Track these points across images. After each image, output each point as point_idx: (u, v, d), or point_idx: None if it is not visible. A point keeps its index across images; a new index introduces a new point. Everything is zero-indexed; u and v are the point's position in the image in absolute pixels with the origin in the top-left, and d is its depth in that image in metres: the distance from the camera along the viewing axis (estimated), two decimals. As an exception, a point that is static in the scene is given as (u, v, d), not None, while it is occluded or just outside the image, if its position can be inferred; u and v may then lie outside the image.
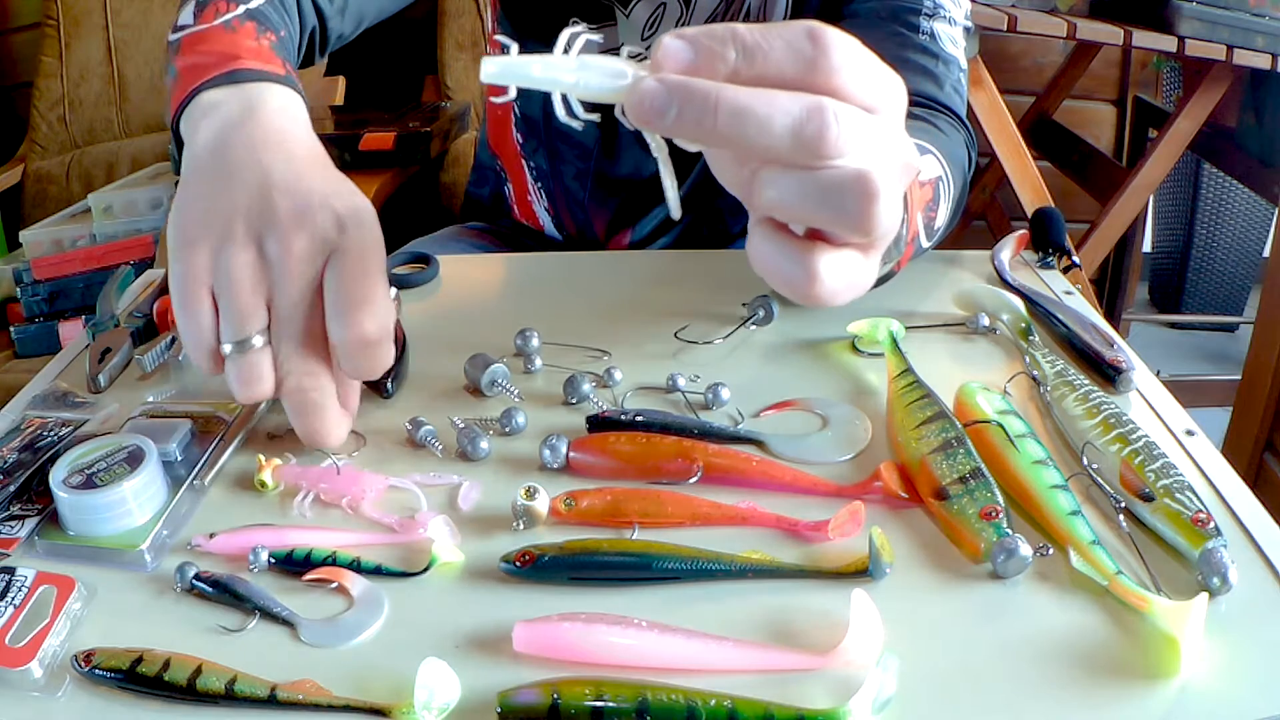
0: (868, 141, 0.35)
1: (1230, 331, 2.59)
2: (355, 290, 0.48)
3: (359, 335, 0.48)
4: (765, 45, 0.34)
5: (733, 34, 0.34)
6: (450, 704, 0.39)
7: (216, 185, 0.50)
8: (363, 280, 0.48)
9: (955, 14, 0.77)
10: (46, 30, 1.97)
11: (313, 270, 0.48)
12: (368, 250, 0.49)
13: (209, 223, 0.48)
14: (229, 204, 0.49)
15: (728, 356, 0.65)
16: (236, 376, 0.49)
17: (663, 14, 0.83)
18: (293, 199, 0.49)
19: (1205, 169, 2.42)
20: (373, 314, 0.48)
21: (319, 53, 0.77)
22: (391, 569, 0.46)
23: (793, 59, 0.34)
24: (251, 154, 0.51)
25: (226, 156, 0.51)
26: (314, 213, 0.48)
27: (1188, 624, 0.39)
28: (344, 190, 0.51)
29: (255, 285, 0.48)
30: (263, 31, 0.62)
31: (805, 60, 0.34)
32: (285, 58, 0.61)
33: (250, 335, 0.48)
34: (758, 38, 0.34)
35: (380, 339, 0.49)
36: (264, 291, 0.48)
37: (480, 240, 1.03)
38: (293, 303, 0.48)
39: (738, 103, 0.33)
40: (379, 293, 0.48)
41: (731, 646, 0.41)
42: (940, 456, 0.50)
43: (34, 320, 1.50)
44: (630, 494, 0.50)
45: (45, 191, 1.97)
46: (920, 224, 0.59)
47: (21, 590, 0.44)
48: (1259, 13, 1.70)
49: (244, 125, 0.53)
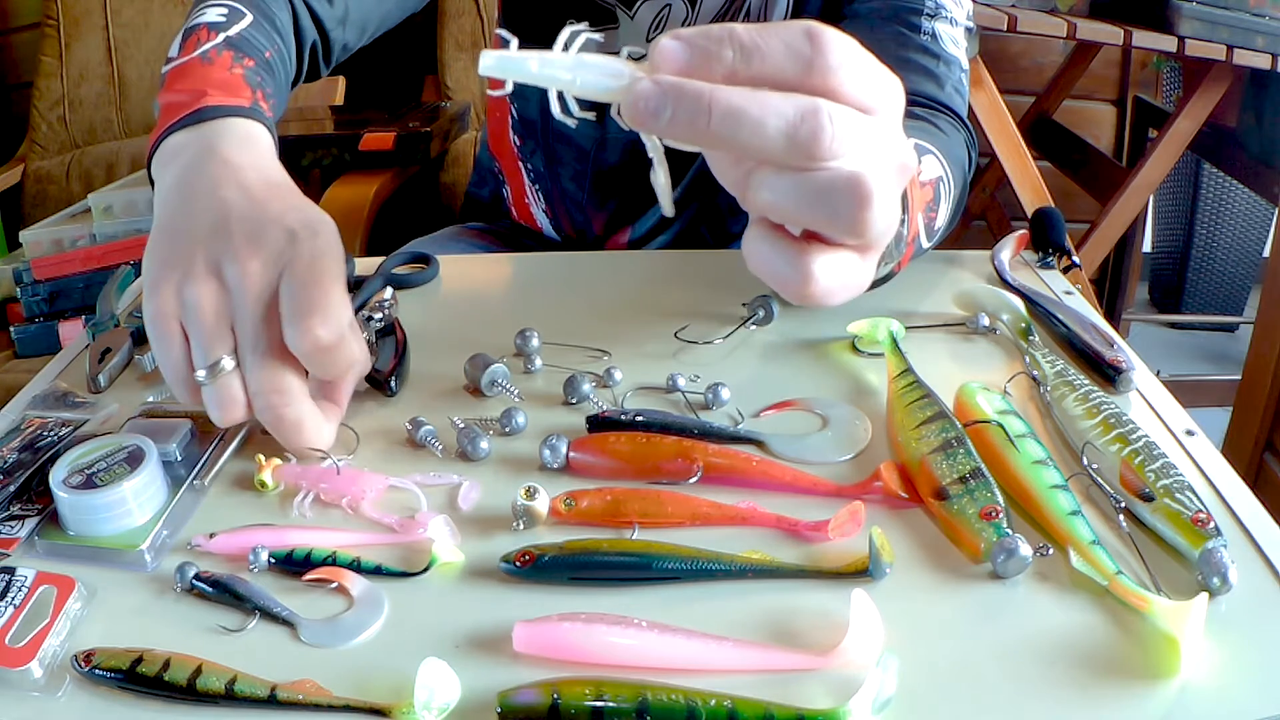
0: (863, 143, 0.35)
1: (1230, 331, 2.59)
2: (305, 298, 0.49)
3: (313, 341, 0.49)
4: (763, 45, 0.34)
5: (730, 34, 0.34)
6: (450, 704, 0.39)
7: (179, 225, 0.52)
8: (313, 287, 0.49)
9: (957, 14, 0.77)
10: (46, 30, 1.97)
11: (269, 287, 0.50)
12: (319, 258, 0.50)
13: (173, 262, 0.51)
14: (190, 241, 0.51)
15: (728, 356, 0.65)
16: (212, 402, 0.51)
17: (668, 15, 0.83)
18: (246, 224, 0.51)
19: (1205, 169, 2.42)
20: (324, 320, 0.49)
21: (324, 64, 0.78)
22: (391, 569, 0.46)
23: (791, 59, 0.34)
24: (210, 192, 0.53)
25: (187, 198, 0.54)
26: (267, 232, 0.50)
27: (1188, 624, 0.39)
28: (300, 206, 0.53)
29: (218, 312, 0.50)
30: (239, 59, 0.63)
31: (803, 60, 0.34)
32: (259, 84, 0.62)
33: (219, 359, 0.50)
34: (755, 38, 0.34)
35: (334, 343, 0.50)
36: (228, 317, 0.50)
37: (480, 240, 1.03)
38: (253, 323, 0.50)
39: (731, 105, 0.33)
40: (331, 298, 0.50)
41: (731, 646, 0.41)
42: (940, 456, 0.50)
43: (34, 320, 1.50)
44: (630, 494, 0.50)
45: (45, 191, 1.97)
46: (921, 224, 0.59)
47: (21, 590, 0.44)
48: (1259, 13, 1.70)
49: (202, 165, 0.55)
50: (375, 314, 0.67)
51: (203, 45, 0.63)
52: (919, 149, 0.61)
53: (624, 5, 0.84)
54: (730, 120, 0.33)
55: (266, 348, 0.50)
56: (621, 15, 0.84)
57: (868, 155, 0.35)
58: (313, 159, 1.58)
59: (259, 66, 0.64)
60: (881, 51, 0.37)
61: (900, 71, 0.38)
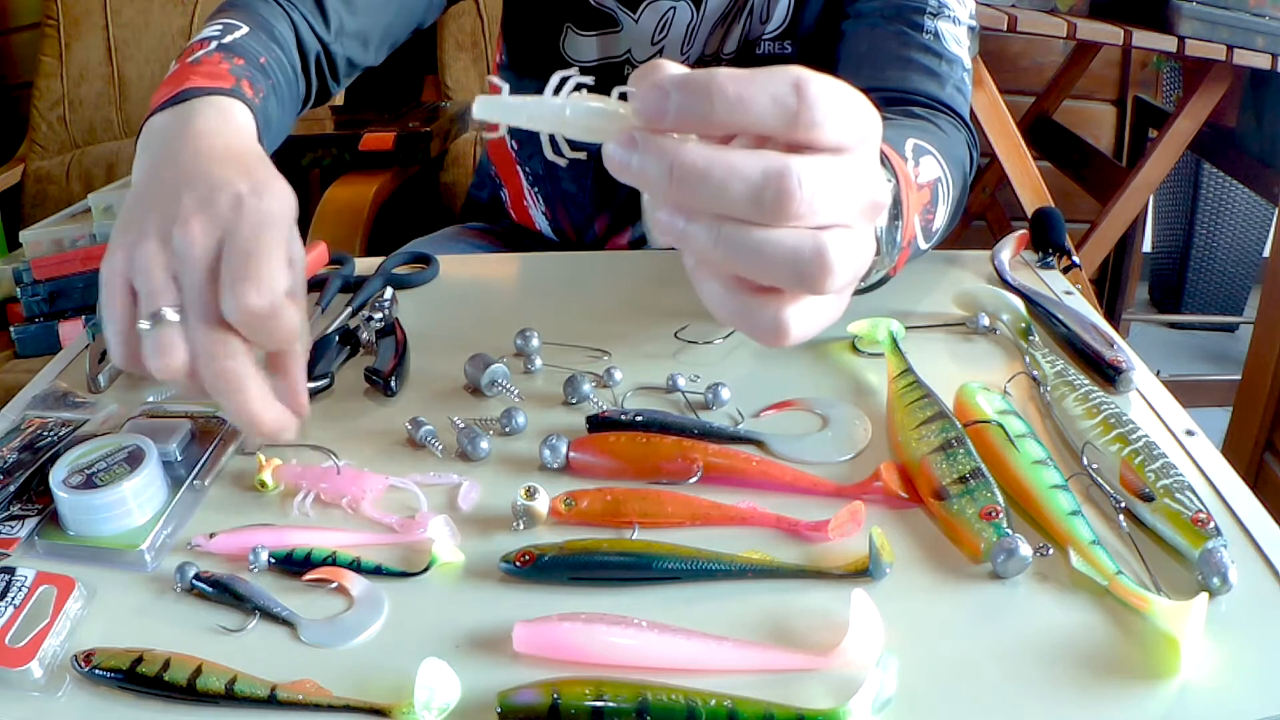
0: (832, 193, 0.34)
1: (1230, 331, 2.59)
2: (240, 264, 0.48)
3: (245, 308, 0.47)
4: (747, 98, 0.33)
5: (714, 85, 0.33)
6: (450, 704, 0.39)
7: (141, 194, 0.52)
8: (249, 255, 0.48)
9: (960, 13, 0.77)
10: (46, 30, 1.97)
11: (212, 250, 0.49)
12: (263, 223, 0.49)
13: (129, 226, 0.50)
14: (147, 206, 0.51)
15: (728, 356, 0.65)
16: (152, 349, 0.49)
17: (673, 17, 0.83)
18: (198, 190, 0.50)
19: (1205, 169, 2.42)
20: (258, 287, 0.48)
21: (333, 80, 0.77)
22: (391, 569, 0.46)
23: (775, 113, 0.33)
24: (173, 161, 0.53)
25: (155, 168, 0.54)
26: (215, 196, 0.49)
27: (1188, 624, 0.39)
28: (257, 171, 0.52)
29: (164, 270, 0.49)
30: (228, 58, 0.63)
31: (788, 115, 0.33)
32: (247, 76, 0.62)
33: (160, 308, 0.48)
34: (740, 90, 0.33)
35: (267, 310, 0.48)
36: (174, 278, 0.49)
37: (480, 240, 1.03)
38: (196, 285, 0.48)
39: (695, 166, 0.33)
40: (268, 265, 0.48)
41: (731, 646, 0.41)
42: (940, 456, 0.50)
43: (34, 320, 1.49)
44: (630, 494, 0.50)
45: (45, 191, 1.97)
46: (917, 226, 0.59)
47: (21, 590, 0.44)
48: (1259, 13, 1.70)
49: (174, 140, 0.55)
50: (375, 314, 0.67)
51: (195, 54, 0.63)
52: (918, 149, 0.61)
53: (627, 8, 0.84)
54: (690, 182, 0.33)
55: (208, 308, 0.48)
56: (624, 18, 0.84)
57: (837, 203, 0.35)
58: (313, 159, 1.58)
59: (249, 65, 0.64)
60: (883, 50, 0.37)
61: (902, 71, 0.38)
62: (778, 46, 0.85)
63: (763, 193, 0.33)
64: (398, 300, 0.70)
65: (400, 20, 0.83)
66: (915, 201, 0.58)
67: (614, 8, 0.84)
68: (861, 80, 0.77)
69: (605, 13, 0.84)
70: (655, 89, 0.34)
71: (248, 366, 0.50)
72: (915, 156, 0.60)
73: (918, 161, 0.60)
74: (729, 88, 0.33)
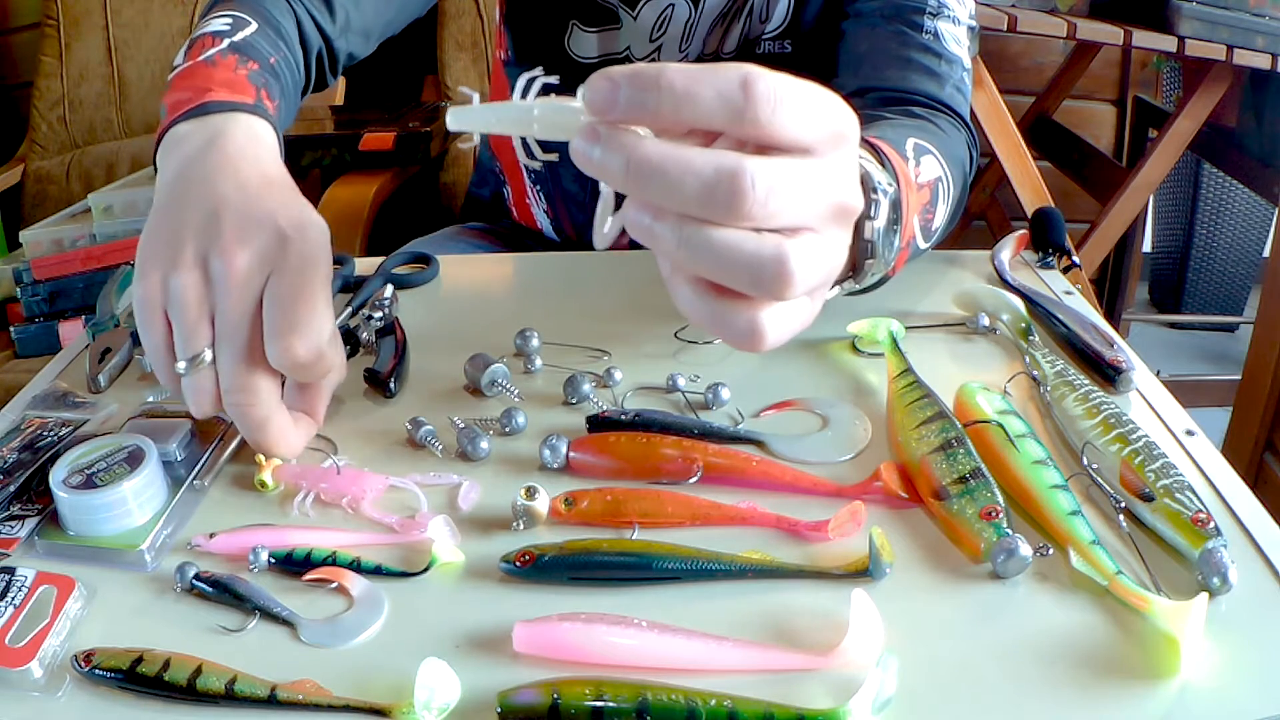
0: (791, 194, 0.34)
1: (1230, 331, 2.59)
2: (288, 313, 0.49)
3: (290, 358, 0.49)
4: (694, 92, 0.33)
5: (661, 78, 0.33)
6: (450, 704, 0.39)
7: (173, 213, 0.52)
8: (296, 302, 0.49)
9: (959, 13, 0.77)
10: (46, 30, 1.97)
11: (254, 288, 0.50)
12: (307, 267, 0.50)
13: (163, 250, 0.51)
14: (181, 229, 0.51)
15: (728, 356, 0.65)
16: (188, 391, 0.51)
17: (671, 14, 0.83)
18: (238, 218, 0.51)
19: (1205, 169, 2.42)
20: (303, 337, 0.49)
21: (330, 73, 0.78)
22: (391, 569, 0.46)
23: (722, 108, 0.33)
24: (206, 181, 0.53)
25: (185, 186, 0.54)
26: (257, 228, 0.50)
27: (1188, 624, 0.39)
28: (294, 205, 0.53)
29: (200, 304, 0.50)
30: (244, 63, 0.63)
31: (734, 110, 0.33)
32: (264, 85, 0.63)
33: (200, 352, 0.50)
34: (688, 84, 0.33)
35: (312, 360, 0.50)
36: (210, 309, 0.50)
37: (480, 240, 1.03)
38: (233, 321, 0.50)
39: (650, 160, 0.34)
40: (315, 314, 0.50)
41: (731, 646, 0.41)
42: (940, 456, 0.50)
43: (34, 320, 1.49)
44: (630, 494, 0.50)
45: (45, 191, 1.96)
46: (916, 227, 0.59)
47: (21, 590, 0.44)
48: (1259, 13, 1.70)
49: (204, 156, 0.55)
50: (375, 313, 0.67)
51: (207, 51, 0.63)
52: (918, 148, 0.61)
53: (626, 5, 0.84)
54: (645, 174, 0.34)
55: (241, 346, 0.50)
56: (624, 15, 0.84)
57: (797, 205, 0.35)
58: (313, 159, 1.58)
59: (263, 70, 0.64)
60: (883, 50, 0.37)
61: (901, 70, 0.38)
62: (778, 46, 0.85)
63: (715, 189, 0.33)
64: (398, 299, 0.70)
65: (402, 15, 0.83)
66: (915, 202, 0.58)
67: (615, 4, 0.84)
68: (861, 80, 0.77)
69: (607, 9, 0.84)
70: (606, 81, 0.34)
71: (273, 409, 0.52)
72: (916, 156, 0.60)
73: (918, 161, 0.60)
74: (676, 81, 0.33)
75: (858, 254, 0.49)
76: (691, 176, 0.33)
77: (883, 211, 0.48)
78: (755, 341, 0.37)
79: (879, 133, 0.56)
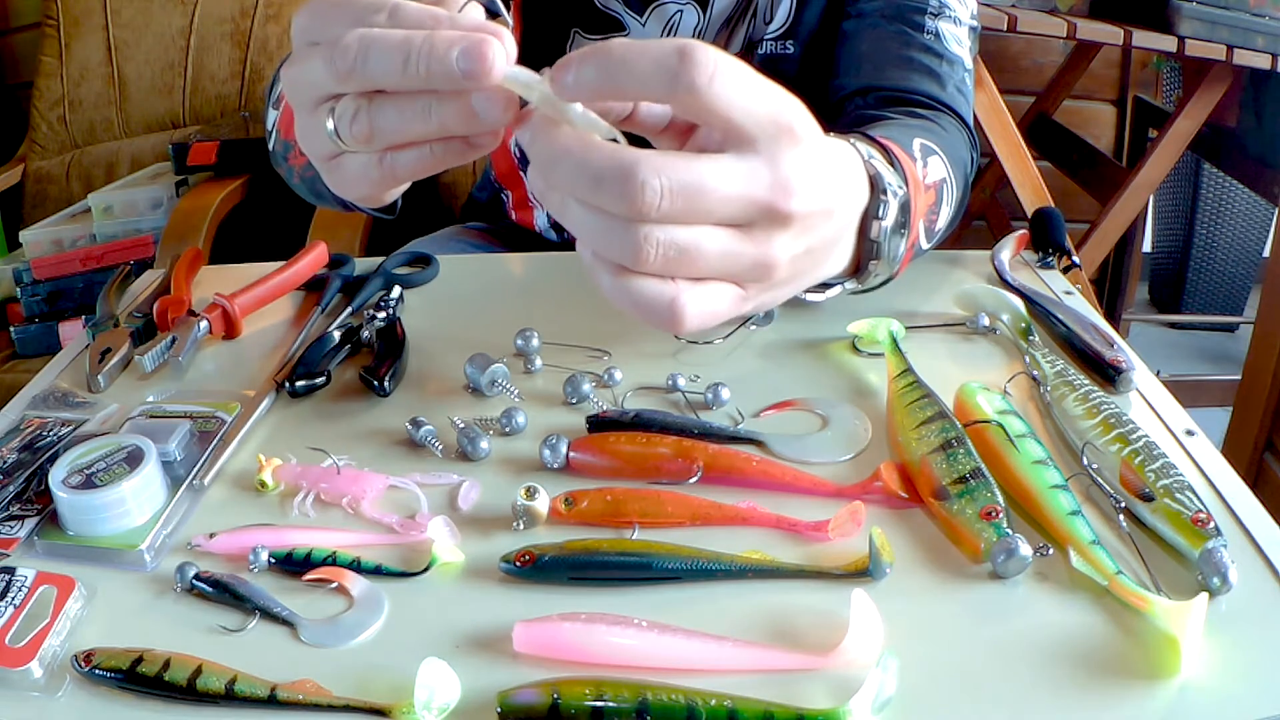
0: (700, 195, 0.35)
1: (1230, 331, 2.59)
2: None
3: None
4: (631, 59, 0.34)
5: (604, 48, 0.35)
6: (450, 704, 0.39)
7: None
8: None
9: (961, 14, 0.77)
10: (46, 30, 1.97)
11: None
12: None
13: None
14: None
15: (728, 356, 0.65)
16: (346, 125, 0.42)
17: (679, 21, 0.83)
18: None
19: (1205, 169, 2.42)
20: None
21: None
22: (391, 569, 0.46)
23: (657, 74, 0.34)
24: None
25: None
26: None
27: (1188, 624, 0.39)
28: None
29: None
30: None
31: (669, 76, 0.34)
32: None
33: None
34: (626, 53, 0.34)
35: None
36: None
37: (480, 240, 1.03)
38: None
39: (556, 146, 0.36)
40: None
41: (731, 646, 0.41)
42: (940, 456, 0.50)
43: (34, 320, 1.50)
44: (630, 494, 0.50)
45: (45, 191, 1.96)
46: (921, 229, 0.59)
47: (21, 590, 0.44)
48: (1259, 13, 1.70)
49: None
50: (379, 313, 0.67)
51: None
52: (925, 149, 0.61)
53: (634, 12, 0.84)
54: (549, 161, 0.36)
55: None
56: (631, 22, 0.84)
57: (708, 207, 0.36)
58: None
59: None
60: (884, 50, 0.37)
61: (903, 71, 0.38)
62: (780, 46, 0.85)
63: (604, 180, 0.35)
64: (404, 300, 0.70)
65: None
66: (921, 204, 0.58)
67: (620, 11, 0.84)
68: (862, 80, 0.77)
69: (612, 16, 0.84)
70: (564, 61, 0.35)
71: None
72: (923, 157, 0.60)
73: (925, 162, 0.60)
74: (614, 50, 0.35)
75: (862, 254, 0.49)
76: (588, 167, 0.35)
77: (891, 212, 0.48)
78: (677, 322, 0.37)
79: (886, 132, 0.56)
